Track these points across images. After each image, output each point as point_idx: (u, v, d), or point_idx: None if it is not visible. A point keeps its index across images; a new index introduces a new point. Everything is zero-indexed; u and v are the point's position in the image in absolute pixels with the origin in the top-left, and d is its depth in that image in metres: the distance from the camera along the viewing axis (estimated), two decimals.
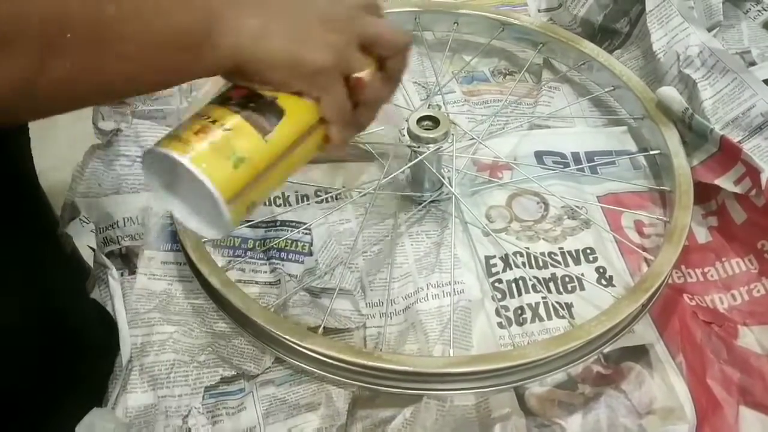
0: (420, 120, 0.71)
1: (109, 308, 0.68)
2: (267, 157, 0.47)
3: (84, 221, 0.73)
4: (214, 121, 0.46)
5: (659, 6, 0.81)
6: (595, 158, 0.79)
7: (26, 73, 0.38)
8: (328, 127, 0.50)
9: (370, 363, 0.59)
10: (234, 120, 0.46)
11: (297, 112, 0.48)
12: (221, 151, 0.45)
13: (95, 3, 0.39)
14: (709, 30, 0.83)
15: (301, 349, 0.61)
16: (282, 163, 0.48)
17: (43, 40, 0.38)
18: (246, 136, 0.46)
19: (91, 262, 0.74)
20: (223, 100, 0.48)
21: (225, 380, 0.63)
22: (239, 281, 0.69)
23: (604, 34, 0.90)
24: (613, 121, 0.84)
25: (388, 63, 0.51)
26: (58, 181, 0.74)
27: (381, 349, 0.63)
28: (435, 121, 0.71)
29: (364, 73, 0.50)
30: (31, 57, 0.37)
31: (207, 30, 0.43)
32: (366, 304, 0.68)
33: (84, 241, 0.73)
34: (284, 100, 0.48)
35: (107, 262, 0.70)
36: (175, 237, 0.72)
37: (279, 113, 0.48)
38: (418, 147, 0.70)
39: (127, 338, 0.65)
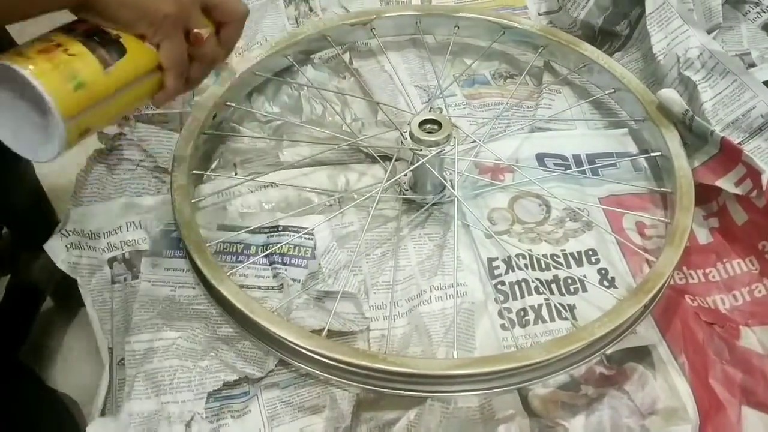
0: (422, 123, 0.72)
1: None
2: (105, 87, 0.50)
3: (64, 234, 0.73)
4: (58, 45, 0.49)
5: (659, 8, 0.82)
6: (596, 160, 0.79)
7: None
8: (163, 74, 0.55)
9: (375, 365, 0.59)
10: (78, 47, 0.49)
11: (137, 54, 0.52)
12: (63, 72, 0.48)
13: None
14: (709, 32, 0.84)
15: (305, 351, 0.61)
16: (118, 98, 0.52)
17: None
18: (88, 64, 0.49)
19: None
20: (67, 30, 0.51)
21: (228, 385, 0.63)
22: (242, 287, 0.70)
23: (604, 37, 0.91)
24: (613, 123, 0.84)
25: (225, 29, 0.58)
26: (62, 185, 0.75)
27: (385, 352, 0.63)
28: (437, 125, 0.72)
29: (203, 31, 0.55)
30: None
31: None
32: (369, 307, 0.68)
33: (55, 257, 0.73)
34: (127, 40, 0.52)
35: (79, 280, 0.71)
36: (178, 243, 0.72)
37: (121, 51, 0.51)
38: (421, 150, 0.71)
39: (105, 347, 0.65)
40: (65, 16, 0.52)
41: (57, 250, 0.73)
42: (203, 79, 0.60)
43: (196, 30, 0.55)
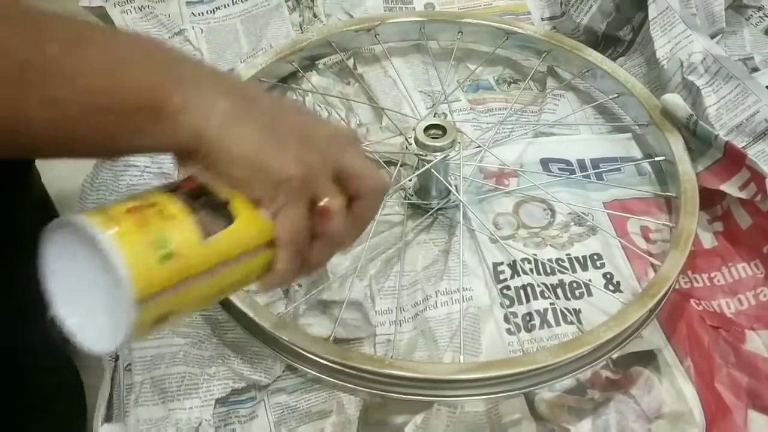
0: (427, 128, 0.72)
1: None
2: (201, 261, 0.38)
3: None
4: (152, 204, 0.38)
5: (662, 13, 0.82)
6: (600, 165, 0.80)
7: None
8: (276, 252, 0.42)
9: (381, 370, 0.59)
10: (176, 209, 0.38)
11: (248, 224, 0.40)
12: (150, 237, 0.36)
13: (34, 38, 0.35)
14: (712, 37, 0.84)
15: (312, 357, 0.61)
16: (215, 277, 0.39)
17: None
18: (183, 230, 0.38)
19: None
20: (169, 188, 0.40)
21: (236, 391, 0.63)
22: (247, 291, 0.70)
23: (607, 42, 0.91)
24: (617, 128, 0.84)
25: (360, 203, 0.45)
26: (68, 191, 0.75)
27: (391, 357, 0.63)
28: (442, 130, 0.72)
29: (334, 202, 0.43)
30: None
31: (169, 97, 0.37)
32: (375, 312, 0.68)
33: None
34: (238, 207, 0.40)
35: None
36: None
37: (228, 219, 0.40)
38: (426, 155, 0.71)
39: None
40: None
41: None
42: (324, 263, 0.47)
43: (324, 201, 0.42)
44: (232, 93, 0.40)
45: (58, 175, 0.78)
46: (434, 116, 0.79)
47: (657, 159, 0.78)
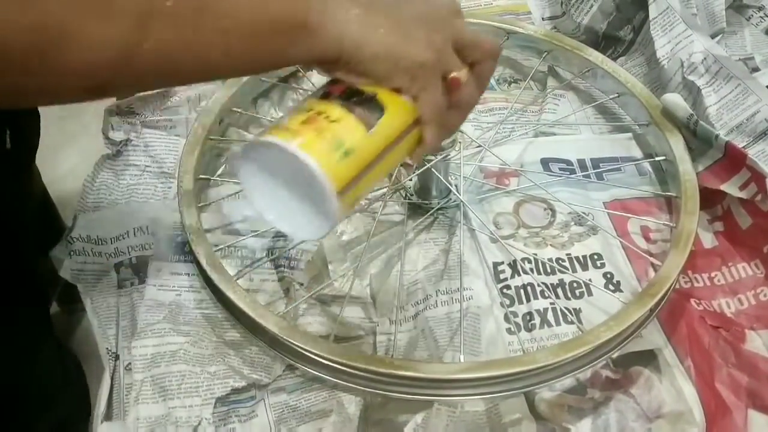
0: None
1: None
2: (371, 150, 0.46)
3: (69, 242, 0.74)
4: (319, 113, 0.45)
5: (663, 13, 0.82)
6: (600, 165, 0.80)
7: (126, 40, 0.37)
8: (423, 128, 0.49)
9: (382, 370, 0.59)
10: (338, 112, 0.45)
11: (396, 109, 0.47)
12: (329, 141, 0.44)
13: None
14: (713, 37, 0.84)
15: (312, 356, 0.61)
16: (382, 160, 0.47)
17: (145, 7, 0.37)
18: (351, 128, 0.45)
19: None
20: (323, 95, 0.47)
21: (236, 390, 0.64)
22: (248, 290, 0.70)
23: (607, 42, 0.91)
24: (618, 128, 0.85)
25: (479, 66, 0.51)
26: (69, 191, 0.75)
27: (392, 356, 0.63)
28: None
29: (462, 72, 0.49)
30: (131, 24, 0.37)
31: (305, 16, 0.43)
32: (375, 311, 0.69)
33: (59, 267, 0.73)
34: (384, 97, 0.47)
35: (79, 288, 0.71)
36: (183, 248, 0.73)
37: (380, 109, 0.46)
38: (426, 155, 0.71)
39: (104, 352, 0.66)
40: None
41: (61, 257, 0.73)
42: (463, 121, 0.53)
43: (454, 74, 0.48)
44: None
45: (59, 174, 0.78)
46: None
47: (657, 159, 0.78)
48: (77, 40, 0.35)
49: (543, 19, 0.97)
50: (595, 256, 0.72)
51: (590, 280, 0.70)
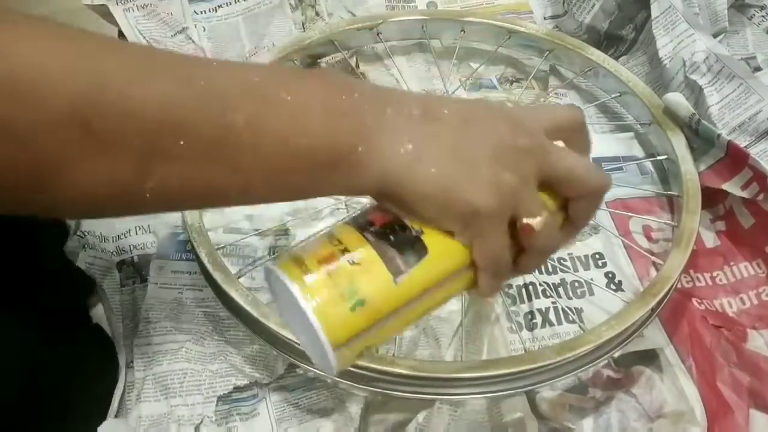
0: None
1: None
2: (392, 302, 0.40)
3: (80, 236, 0.73)
4: (344, 250, 0.39)
5: (665, 12, 0.82)
6: (602, 164, 0.80)
7: (128, 177, 0.34)
8: (478, 274, 0.42)
9: (384, 368, 0.59)
10: (365, 253, 0.39)
11: (443, 255, 0.40)
12: (342, 288, 0.38)
13: (220, 111, 0.35)
14: (715, 36, 0.84)
15: None
16: (412, 308, 0.41)
17: (150, 146, 0.34)
18: (374, 274, 0.39)
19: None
20: (362, 225, 0.41)
21: (237, 388, 0.64)
22: (250, 289, 0.70)
23: (609, 41, 0.91)
24: (619, 127, 0.84)
25: (574, 205, 0.43)
26: None
27: (393, 355, 0.63)
28: None
29: (536, 221, 0.41)
30: (132, 164, 0.34)
31: (352, 149, 0.37)
32: None
33: (74, 258, 0.73)
34: (431, 238, 0.40)
35: (97, 281, 0.71)
36: (184, 246, 0.73)
37: (420, 252, 0.40)
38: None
39: (123, 359, 0.66)
40: None
41: (75, 251, 0.73)
42: (539, 266, 0.48)
43: (526, 221, 0.40)
44: (414, 126, 0.39)
45: None
46: None
47: (659, 158, 0.78)
48: (73, 177, 0.33)
49: (545, 18, 0.97)
50: (597, 256, 0.72)
51: (592, 279, 0.70)
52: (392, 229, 0.40)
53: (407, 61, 0.91)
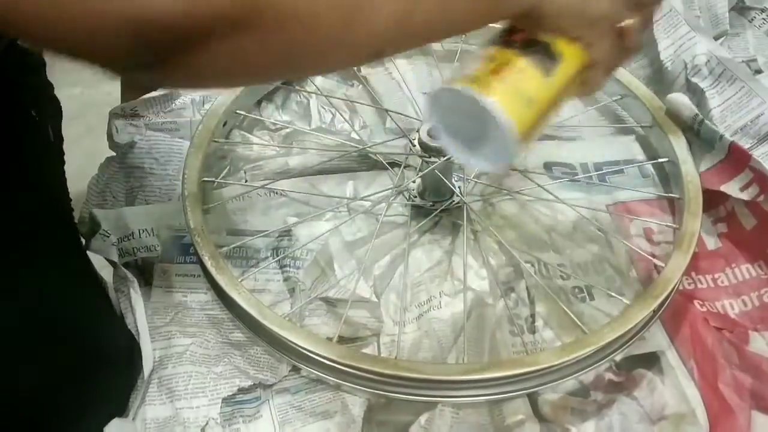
0: (431, 130, 0.72)
1: (128, 320, 0.69)
2: (548, 97, 0.50)
3: (104, 235, 0.74)
4: (505, 63, 0.49)
5: (666, 15, 0.82)
6: (603, 167, 0.80)
7: (402, 10, 0.43)
8: (594, 71, 0.53)
9: (386, 371, 0.60)
10: (522, 63, 0.49)
11: (571, 57, 0.51)
12: (516, 92, 0.48)
13: None
14: (716, 38, 0.84)
15: (317, 357, 0.62)
16: (556, 102, 0.52)
17: None
18: (533, 77, 0.49)
19: (110, 277, 0.75)
20: (505, 43, 0.51)
21: (241, 390, 0.64)
22: (253, 290, 0.70)
23: None
24: (620, 130, 0.85)
25: (647, 11, 0.55)
26: (73, 194, 0.75)
27: (396, 357, 0.64)
28: None
29: (633, 22, 0.52)
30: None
31: None
32: (380, 313, 0.69)
33: (105, 255, 0.73)
34: (559, 45, 0.50)
35: (129, 275, 0.71)
36: (188, 249, 0.73)
37: (557, 58, 0.50)
38: (429, 157, 0.71)
39: (150, 353, 0.66)
40: None
41: (100, 249, 0.73)
42: (627, 64, 0.62)
43: (627, 22, 0.52)
44: None
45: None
46: None
47: (660, 161, 0.78)
48: (367, 13, 0.41)
49: None
50: (598, 259, 0.72)
51: (593, 282, 0.70)
52: (530, 43, 0.50)
53: (409, 65, 0.91)
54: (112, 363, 0.69)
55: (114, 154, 0.83)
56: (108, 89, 0.87)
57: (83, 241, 0.75)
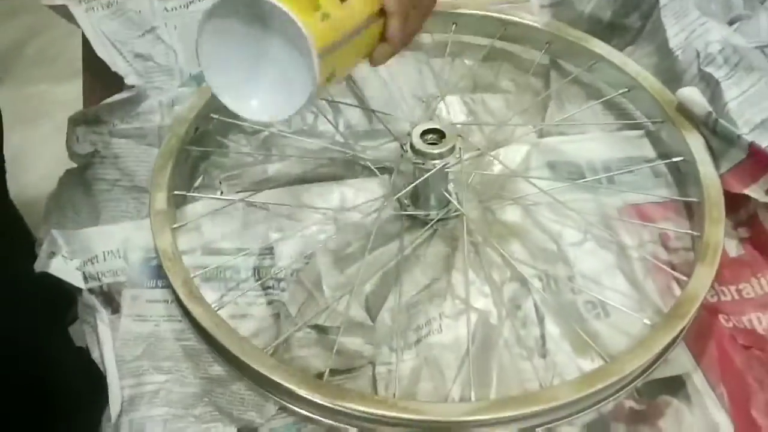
0: (423, 133, 0.66)
1: (95, 355, 0.63)
2: (344, 21, 0.48)
3: (66, 257, 0.66)
4: None
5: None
6: (611, 167, 0.73)
7: None
8: (387, 21, 0.52)
9: (384, 412, 0.53)
10: None
11: None
12: (308, 2, 0.46)
13: None
14: (729, 24, 0.78)
15: (306, 396, 0.55)
16: (351, 43, 0.49)
17: None
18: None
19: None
20: None
21: None
22: (233, 316, 0.64)
23: (612, 31, 0.84)
24: (628, 126, 0.78)
25: None
26: (36, 199, 0.68)
27: (394, 395, 0.57)
28: (439, 134, 0.66)
29: None
30: None
31: None
32: (373, 338, 0.62)
33: (67, 279, 0.66)
34: None
35: (97, 304, 0.64)
36: (159, 272, 0.66)
37: None
38: (424, 164, 0.65)
39: (117, 390, 0.59)
40: None
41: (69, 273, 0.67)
42: (418, 32, 0.57)
43: None
44: None
45: (30, 181, 0.71)
46: (430, 119, 0.72)
47: (674, 160, 0.71)
48: None
49: (542, 6, 0.90)
50: (611, 270, 0.66)
51: (607, 297, 0.64)
52: None
53: (396, 60, 0.84)
54: (74, 403, 0.62)
55: (75, 165, 0.76)
56: (77, 87, 0.79)
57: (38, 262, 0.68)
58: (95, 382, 0.61)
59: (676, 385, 0.59)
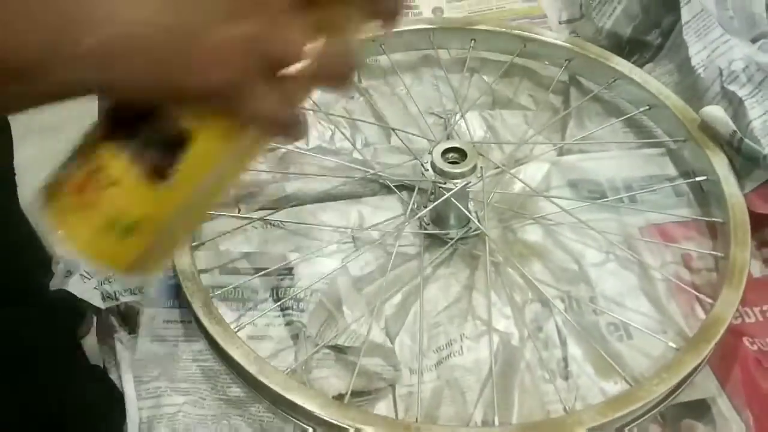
0: (444, 152, 0.65)
1: (113, 375, 0.62)
2: (166, 208, 0.36)
3: (86, 277, 0.66)
4: (98, 169, 0.34)
5: (696, 17, 0.75)
6: (633, 185, 0.73)
7: None
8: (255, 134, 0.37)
9: None
10: (119, 166, 0.34)
11: (210, 130, 0.35)
12: (102, 219, 0.35)
13: None
14: (753, 42, 0.77)
15: (326, 419, 0.54)
16: (195, 199, 0.37)
17: None
18: (133, 191, 0.34)
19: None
20: (116, 123, 0.35)
21: None
22: (251, 337, 0.63)
23: (632, 47, 0.84)
24: (650, 144, 0.77)
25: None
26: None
27: (416, 419, 0.56)
28: (460, 153, 0.65)
29: (309, 46, 0.34)
30: None
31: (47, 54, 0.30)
32: (395, 360, 0.61)
33: (87, 299, 0.66)
34: (191, 120, 0.35)
35: (115, 324, 0.63)
36: (178, 292, 0.65)
37: (182, 139, 0.34)
38: (445, 183, 0.64)
39: (135, 411, 0.59)
40: None
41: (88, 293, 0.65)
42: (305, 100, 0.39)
43: (291, 68, 0.33)
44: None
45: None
46: (448, 138, 0.72)
47: (698, 179, 0.71)
48: None
49: (560, 22, 0.90)
50: (633, 291, 0.65)
51: (629, 319, 0.63)
52: (146, 120, 0.34)
53: (414, 77, 0.84)
54: (85, 422, 0.62)
55: None
56: (89, 102, 0.78)
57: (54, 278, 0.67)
58: (110, 399, 0.61)
59: (701, 410, 0.58)
